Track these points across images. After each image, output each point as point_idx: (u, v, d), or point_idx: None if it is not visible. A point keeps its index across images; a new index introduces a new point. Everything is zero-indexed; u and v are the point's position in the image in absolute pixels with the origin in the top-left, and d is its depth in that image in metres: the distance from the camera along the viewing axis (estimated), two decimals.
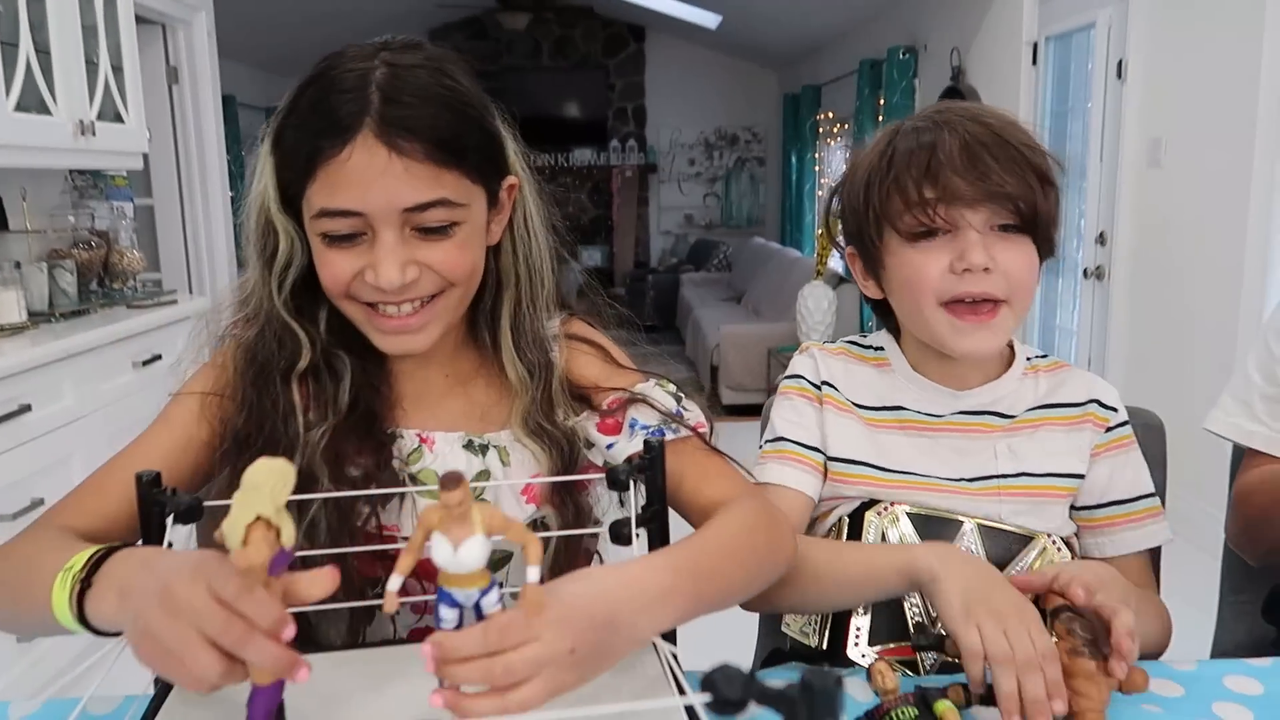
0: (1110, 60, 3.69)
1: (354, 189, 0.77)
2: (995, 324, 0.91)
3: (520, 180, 0.90)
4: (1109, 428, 0.99)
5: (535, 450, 0.89)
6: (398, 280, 0.79)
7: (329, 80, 0.80)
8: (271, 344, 0.87)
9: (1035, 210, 0.89)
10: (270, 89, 7.42)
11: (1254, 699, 0.79)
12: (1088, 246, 3.92)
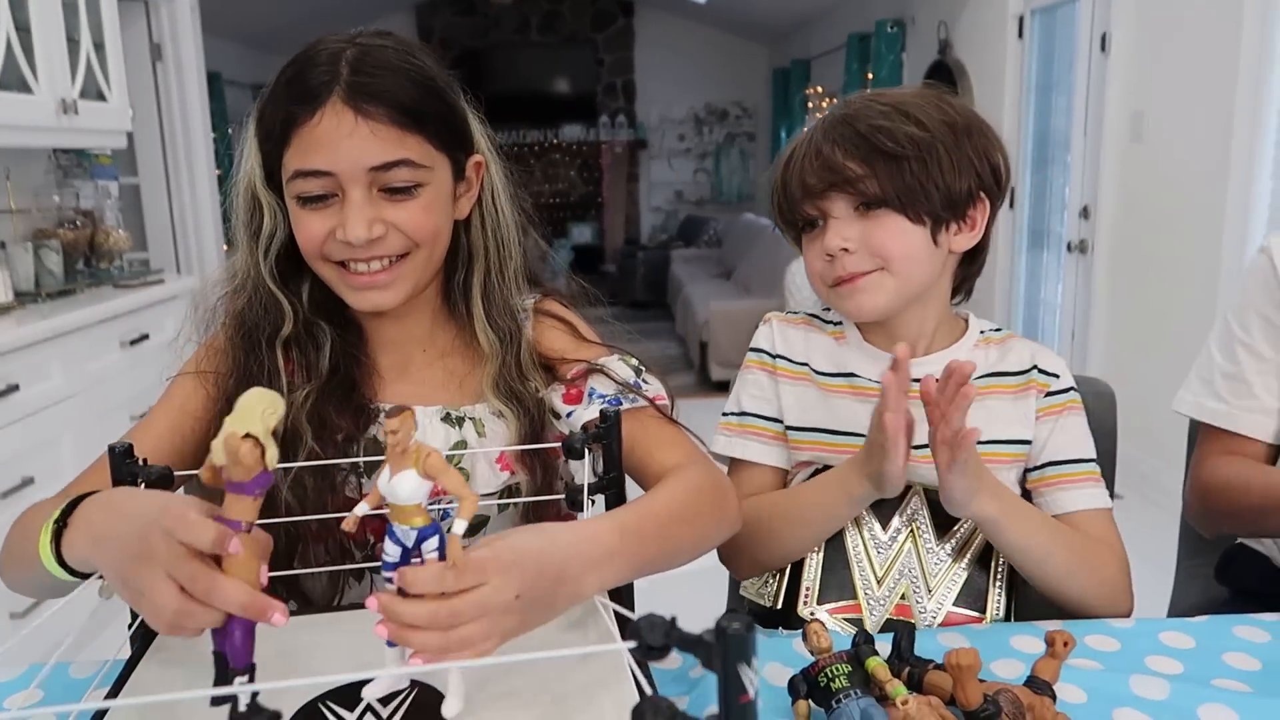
0: (1094, 34, 3.70)
1: (324, 150, 0.84)
2: (862, 285, 0.97)
3: (487, 160, 0.96)
4: (1049, 392, 1.03)
5: (507, 415, 0.94)
6: (364, 235, 0.85)
7: (305, 59, 0.87)
8: (258, 310, 0.94)
9: (883, 186, 0.94)
10: (256, 65, 7.37)
11: (1186, 653, 0.82)
12: (1071, 220, 3.94)
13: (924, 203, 0.95)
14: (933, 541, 0.97)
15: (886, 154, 0.94)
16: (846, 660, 0.71)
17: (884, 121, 0.94)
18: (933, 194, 0.95)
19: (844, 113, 0.98)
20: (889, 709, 0.68)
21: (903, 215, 0.95)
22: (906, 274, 0.97)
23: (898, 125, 0.94)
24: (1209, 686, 0.76)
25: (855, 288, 0.97)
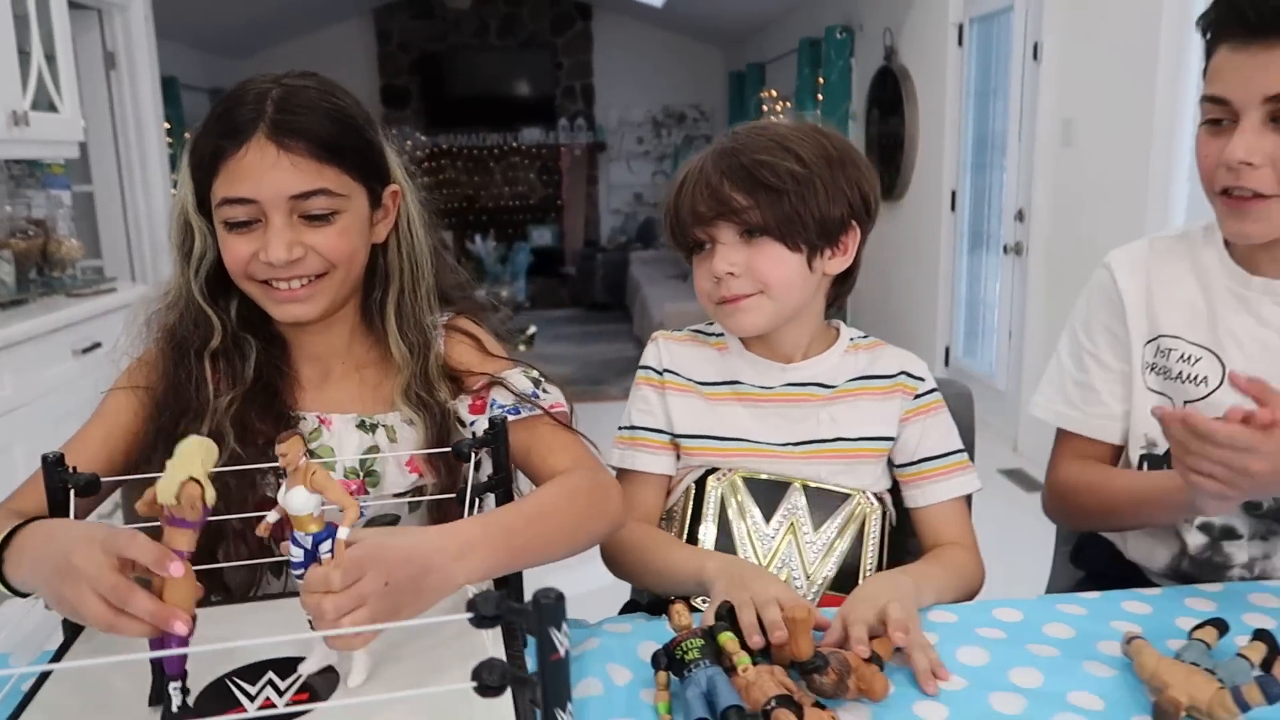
0: (1027, 43, 3.84)
1: (249, 180, 0.93)
2: (745, 306, 1.08)
3: (403, 189, 1.05)
4: (916, 395, 1.14)
5: (416, 423, 1.03)
6: (284, 257, 0.94)
7: (234, 97, 0.96)
8: (188, 324, 1.03)
9: (764, 216, 1.04)
10: (213, 70, 7.36)
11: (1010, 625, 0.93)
12: (1007, 223, 4.08)
13: (801, 232, 1.05)
14: (810, 533, 1.07)
15: (768, 187, 1.04)
16: (701, 636, 0.80)
17: (767, 156, 1.04)
18: (809, 224, 1.05)
19: (732, 145, 1.08)
20: (734, 677, 0.78)
21: (781, 244, 1.05)
22: (783, 298, 1.07)
23: (779, 160, 1.04)
24: (1025, 650, 0.88)
25: (738, 308, 1.08)
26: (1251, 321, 1.10)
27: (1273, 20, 0.94)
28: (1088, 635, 0.91)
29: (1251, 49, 0.96)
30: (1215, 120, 1.02)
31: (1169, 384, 1.15)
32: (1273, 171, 0.98)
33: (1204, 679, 0.76)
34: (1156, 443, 1.16)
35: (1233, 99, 0.99)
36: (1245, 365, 1.09)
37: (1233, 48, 0.98)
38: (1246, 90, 0.97)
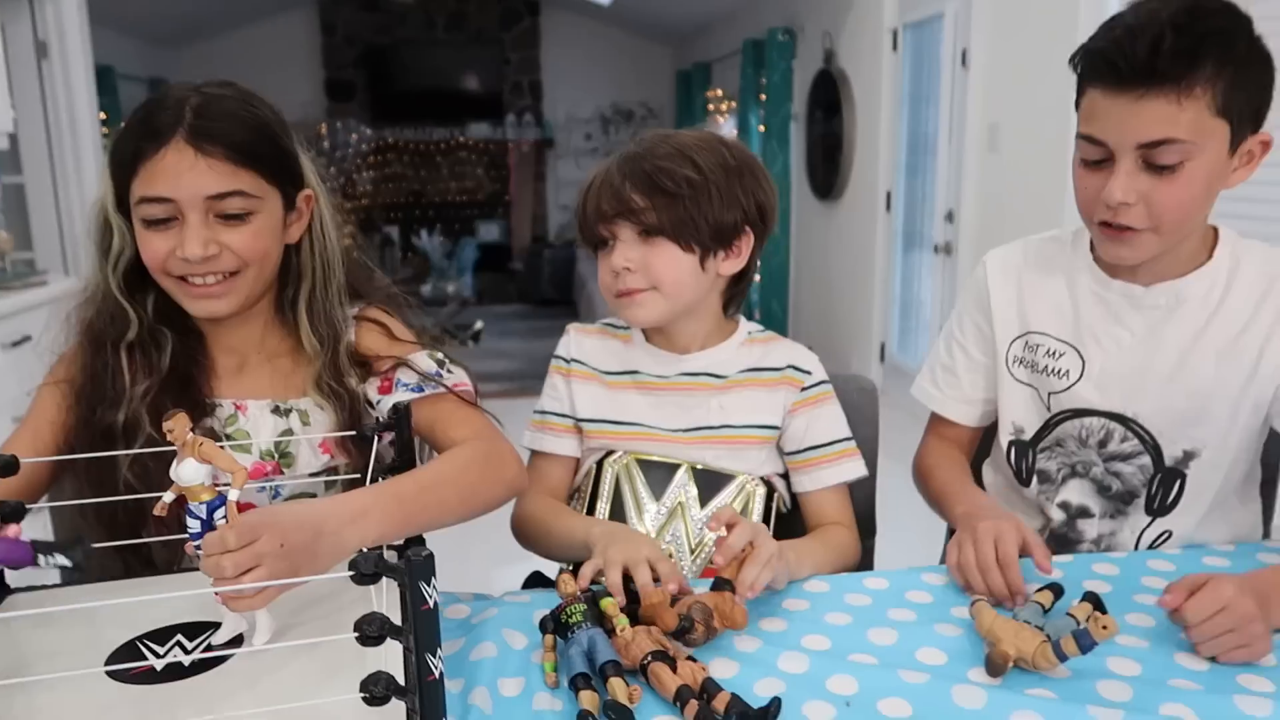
0: (956, 50, 3.96)
1: (167, 180, 0.98)
2: (640, 300, 1.15)
3: (316, 194, 1.11)
4: (804, 387, 1.21)
5: (327, 408, 1.09)
6: (200, 253, 0.99)
7: (155, 103, 1.01)
8: (105, 318, 1.07)
9: (661, 218, 1.12)
10: (151, 60, 7.26)
11: (876, 592, 1.01)
12: (938, 224, 4.21)
13: (694, 235, 1.13)
14: (697, 511, 1.15)
15: (665, 191, 1.11)
16: (584, 602, 0.87)
17: (667, 163, 1.12)
18: (702, 227, 1.12)
19: (637, 150, 1.15)
20: (614, 638, 0.84)
21: (675, 244, 1.13)
22: (675, 295, 1.15)
23: (678, 167, 1.11)
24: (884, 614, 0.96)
25: (633, 301, 1.15)
26: (1110, 320, 1.19)
27: (1144, 71, 0.99)
28: (943, 601, 1.00)
29: (1124, 97, 1.01)
30: (1094, 160, 1.08)
31: (1036, 376, 1.24)
32: (1145, 209, 1.05)
33: (1031, 634, 0.84)
34: (1024, 430, 1.26)
35: (1108, 141, 1.05)
36: (1103, 360, 1.19)
37: (1104, 92, 1.04)
38: (1121, 135, 1.03)
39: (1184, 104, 1.00)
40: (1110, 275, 1.18)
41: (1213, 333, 1.14)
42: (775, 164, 5.71)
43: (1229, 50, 1.00)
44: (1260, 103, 1.04)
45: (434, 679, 0.60)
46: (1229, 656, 0.87)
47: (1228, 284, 1.14)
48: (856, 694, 0.82)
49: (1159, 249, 1.10)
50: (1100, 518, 1.23)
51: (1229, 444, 1.16)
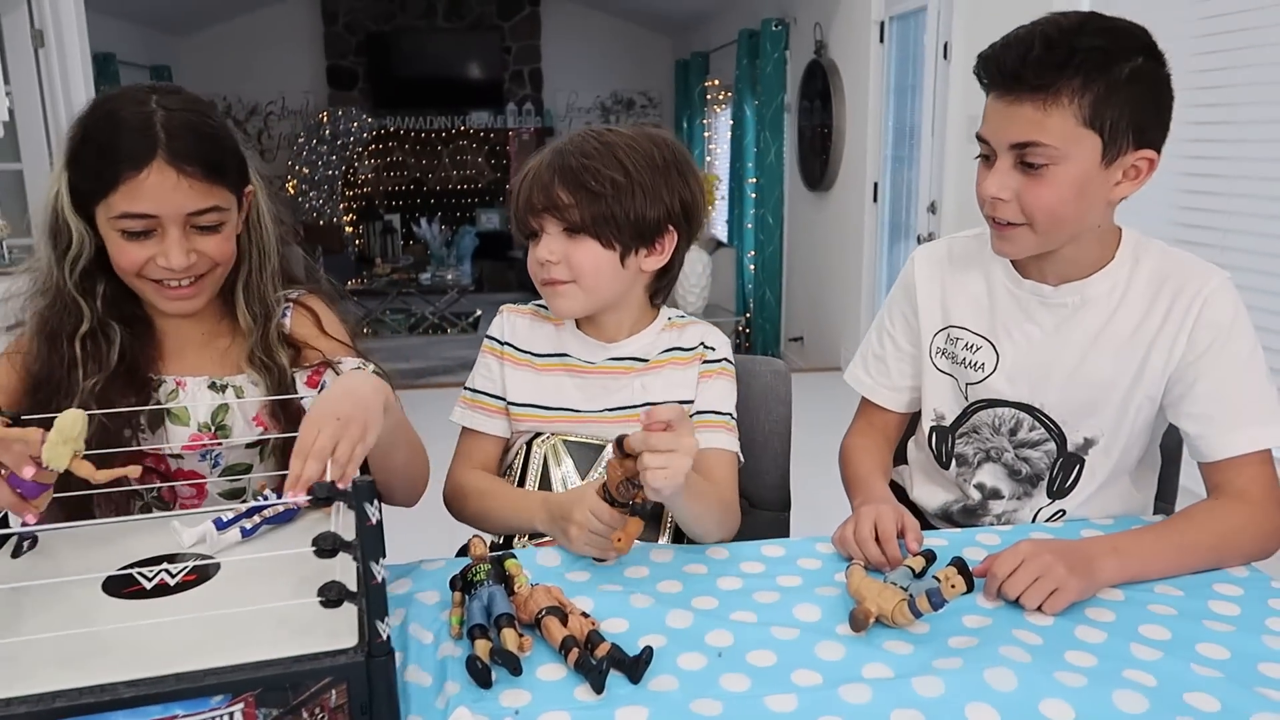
0: (939, 43, 4.01)
1: (151, 200, 1.07)
2: (562, 291, 1.22)
3: (255, 187, 1.21)
4: (705, 360, 1.29)
5: (260, 383, 1.18)
6: (183, 263, 1.10)
7: (116, 120, 1.07)
8: (60, 313, 1.14)
9: (582, 216, 1.18)
10: (153, 47, 7.34)
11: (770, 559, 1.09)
12: (921, 215, 4.27)
13: (615, 233, 1.19)
14: None
15: (590, 190, 1.17)
16: (489, 563, 0.94)
17: (593, 162, 1.17)
18: (624, 226, 1.19)
19: (567, 146, 1.20)
20: (514, 595, 0.92)
21: (597, 241, 1.19)
22: (593, 288, 1.22)
23: (603, 167, 1.17)
24: (773, 580, 1.03)
25: (555, 291, 1.22)
26: (1022, 317, 1.26)
27: (1013, 78, 1.08)
28: (830, 568, 1.08)
29: (1002, 101, 1.10)
30: (985, 155, 1.17)
31: (955, 368, 1.31)
32: (1018, 205, 1.12)
33: (893, 593, 0.91)
34: (945, 416, 1.34)
35: (991, 140, 1.14)
36: (1014, 354, 1.26)
37: (991, 97, 1.13)
38: (999, 136, 1.12)
39: (1049, 110, 1.07)
40: (1022, 275, 1.25)
41: (1111, 330, 1.21)
42: (768, 154, 5.77)
43: (1102, 68, 1.07)
44: (1144, 122, 1.10)
45: (377, 583, 0.71)
46: (1050, 604, 0.96)
47: (1128, 284, 1.21)
48: (730, 646, 0.90)
49: (1039, 246, 1.17)
50: (1009, 499, 1.30)
51: (1122, 432, 1.24)
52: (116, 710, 0.68)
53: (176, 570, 0.87)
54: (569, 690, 0.83)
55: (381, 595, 0.72)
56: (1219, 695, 0.81)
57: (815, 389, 5.29)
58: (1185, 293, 1.17)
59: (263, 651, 0.72)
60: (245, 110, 8.43)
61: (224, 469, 1.20)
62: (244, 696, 0.70)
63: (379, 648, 0.72)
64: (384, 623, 0.72)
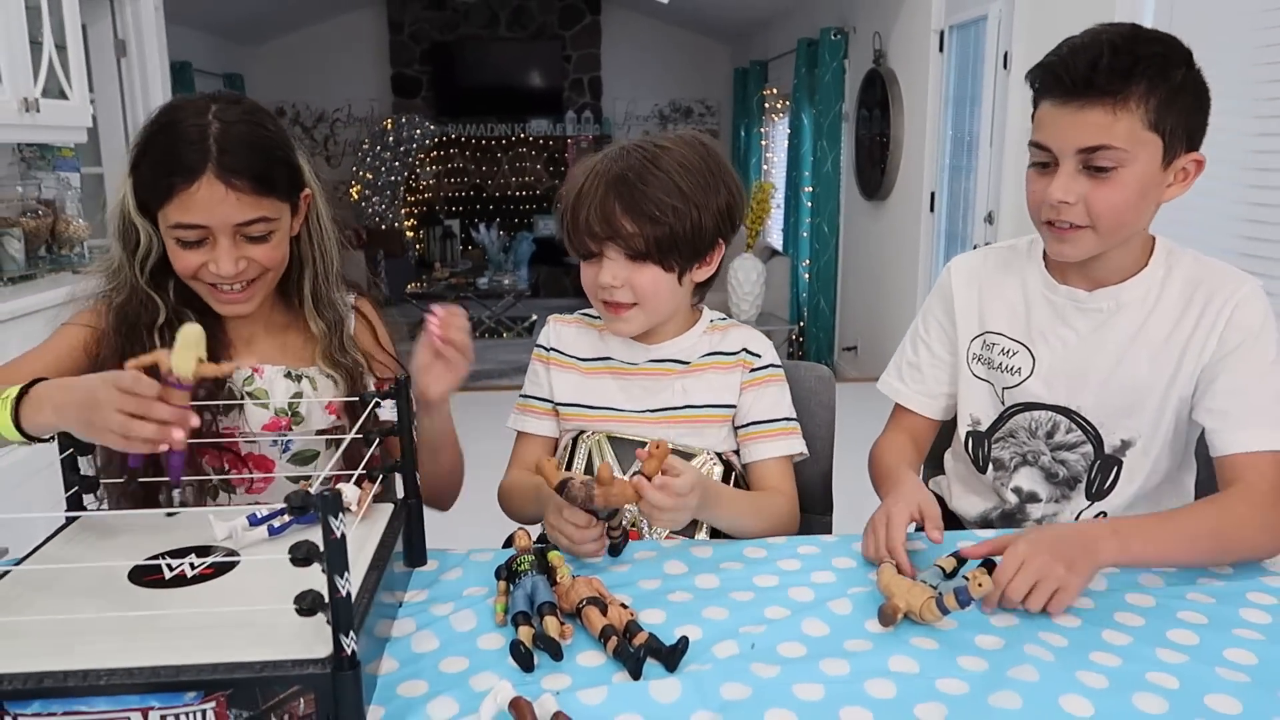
0: (999, 52, 3.99)
1: (201, 212, 1.13)
2: (626, 315, 1.27)
3: (313, 191, 1.27)
4: (753, 369, 1.33)
5: (334, 377, 1.26)
6: (232, 271, 1.16)
7: (175, 132, 1.14)
8: (138, 307, 1.22)
9: (648, 246, 1.21)
10: (226, 56, 7.58)
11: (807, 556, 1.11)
12: (977, 225, 4.23)
13: (676, 258, 1.24)
14: None
15: (653, 219, 1.20)
16: (533, 554, 0.99)
17: (655, 190, 1.20)
18: (684, 248, 1.23)
19: (625, 173, 1.21)
20: (556, 585, 0.96)
21: (659, 266, 1.23)
22: (654, 309, 1.27)
23: (666, 196, 1.20)
24: (808, 575, 1.06)
25: (617, 315, 1.27)
26: (1057, 322, 1.28)
27: (1083, 84, 1.11)
28: (865, 566, 1.11)
29: (1068, 107, 1.13)
30: (1041, 163, 1.20)
31: (992, 373, 1.33)
32: (1084, 208, 1.15)
33: (921, 590, 0.94)
34: (981, 422, 1.35)
35: (1053, 147, 1.16)
36: (1050, 358, 1.29)
37: (1053, 104, 1.16)
38: (1064, 141, 1.15)
39: (1119, 115, 1.11)
40: (1059, 281, 1.28)
41: (1146, 334, 1.23)
42: (825, 163, 5.77)
43: (1163, 74, 1.12)
44: (1193, 126, 1.16)
45: (341, 597, 0.73)
46: (1054, 605, 0.97)
47: (1161, 289, 1.23)
48: (761, 635, 0.93)
49: (1098, 248, 1.20)
50: (1046, 502, 1.32)
51: (1159, 434, 1.25)
52: (96, 695, 0.73)
53: (197, 564, 0.93)
54: (608, 675, 0.87)
55: (348, 608, 0.74)
56: (1241, 698, 0.82)
57: (866, 398, 5.27)
58: (1217, 297, 1.20)
59: (238, 653, 0.75)
60: (312, 117, 8.65)
61: (293, 454, 1.27)
62: (215, 695, 0.74)
63: (344, 661, 0.74)
64: (349, 636, 0.74)
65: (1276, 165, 2.40)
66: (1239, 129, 2.48)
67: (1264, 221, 2.43)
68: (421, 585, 1.07)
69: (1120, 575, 1.07)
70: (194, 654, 0.76)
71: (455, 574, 1.09)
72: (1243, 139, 2.47)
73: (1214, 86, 1.18)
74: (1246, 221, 2.49)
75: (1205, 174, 1.19)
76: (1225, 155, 2.48)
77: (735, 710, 0.81)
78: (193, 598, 0.87)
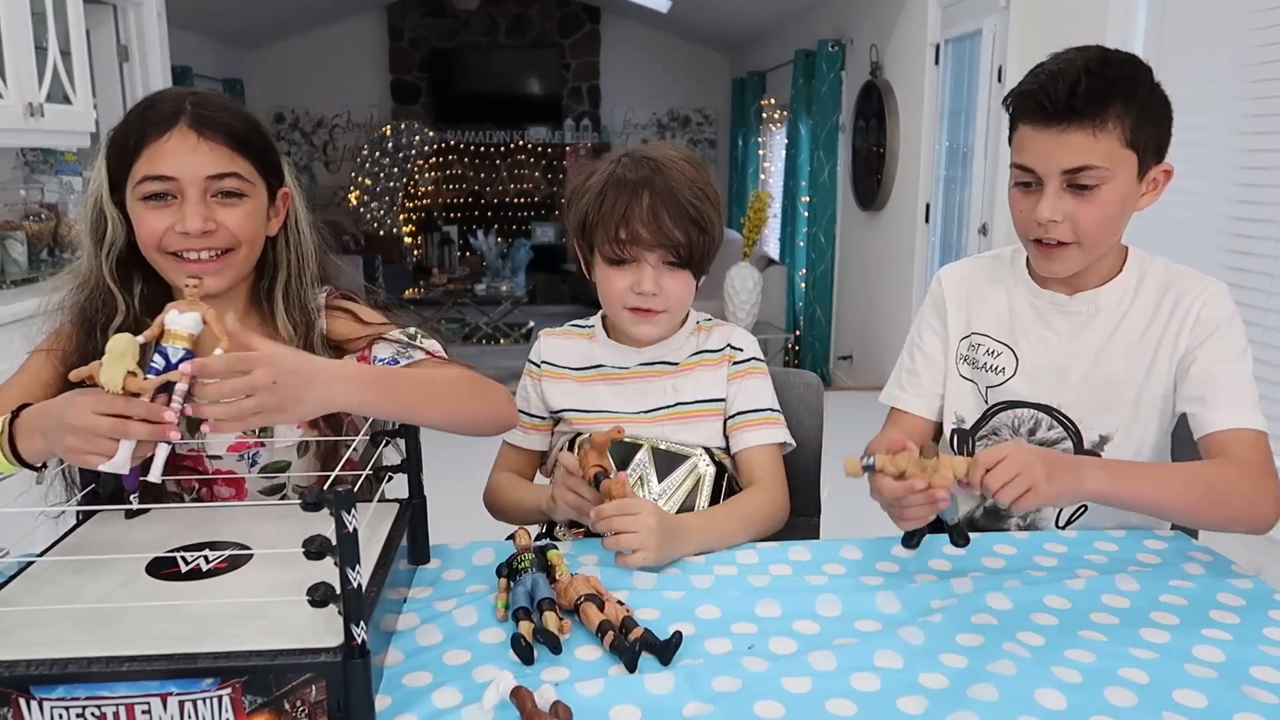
0: (993, 66, 4.04)
1: (171, 160, 1.10)
2: (655, 320, 1.33)
3: (293, 193, 1.24)
4: (735, 362, 1.39)
5: None
6: (199, 226, 1.10)
7: (154, 98, 1.14)
8: (96, 302, 1.17)
9: (692, 252, 1.27)
10: (226, 61, 7.62)
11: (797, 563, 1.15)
12: (971, 236, 4.29)
13: (706, 266, 1.31)
14: (655, 484, 1.30)
15: (701, 229, 1.27)
16: (534, 552, 1.03)
17: (695, 199, 1.27)
18: (710, 258, 1.30)
19: (667, 183, 1.26)
20: (555, 583, 1.00)
21: (691, 272, 1.30)
22: (678, 314, 1.35)
23: (703, 204, 1.27)
24: (804, 582, 1.10)
25: (648, 319, 1.32)
26: (1040, 324, 1.35)
27: (1065, 109, 1.18)
28: (854, 571, 1.15)
29: (1050, 130, 1.19)
30: (1025, 183, 1.26)
31: (977, 373, 1.39)
32: (1070, 225, 1.22)
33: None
34: (965, 420, 1.41)
35: (1037, 169, 1.22)
36: (1033, 358, 1.35)
37: (1033, 127, 1.22)
38: (1048, 163, 1.21)
39: (1099, 136, 1.18)
40: (1041, 286, 1.35)
41: (1122, 333, 1.30)
42: (822, 173, 5.82)
43: (1134, 93, 1.20)
44: (1161, 138, 1.24)
45: (354, 589, 0.77)
46: (1020, 504, 1.04)
47: (1135, 293, 1.31)
48: (755, 634, 0.97)
49: (1083, 262, 1.27)
50: None
51: (1135, 428, 1.32)
52: (118, 681, 0.76)
53: (212, 557, 0.96)
54: (605, 668, 0.91)
55: (359, 600, 0.77)
56: (1208, 693, 0.86)
57: (861, 406, 5.31)
58: (1186, 297, 1.27)
59: (252, 642, 0.79)
60: (312, 123, 8.70)
61: (262, 467, 1.24)
62: (231, 682, 0.77)
63: (354, 650, 0.78)
64: (360, 626, 0.77)
65: (1261, 180, 2.45)
66: (1225, 143, 2.53)
67: (1249, 236, 2.48)
68: (425, 582, 1.10)
69: (1096, 579, 1.11)
70: (210, 643, 0.79)
71: (458, 572, 1.13)
72: (1229, 154, 2.52)
73: (1201, 99, 1.25)
74: (1233, 235, 2.54)
75: (1192, 186, 1.26)
76: (1211, 167, 2.53)
77: (726, 701, 0.85)
78: (208, 590, 0.91)
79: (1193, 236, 2.63)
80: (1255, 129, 2.46)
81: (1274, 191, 2.40)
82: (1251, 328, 2.07)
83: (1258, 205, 2.45)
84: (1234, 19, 2.54)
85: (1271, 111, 2.42)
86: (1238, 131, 2.51)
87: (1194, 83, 2.62)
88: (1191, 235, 2.64)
